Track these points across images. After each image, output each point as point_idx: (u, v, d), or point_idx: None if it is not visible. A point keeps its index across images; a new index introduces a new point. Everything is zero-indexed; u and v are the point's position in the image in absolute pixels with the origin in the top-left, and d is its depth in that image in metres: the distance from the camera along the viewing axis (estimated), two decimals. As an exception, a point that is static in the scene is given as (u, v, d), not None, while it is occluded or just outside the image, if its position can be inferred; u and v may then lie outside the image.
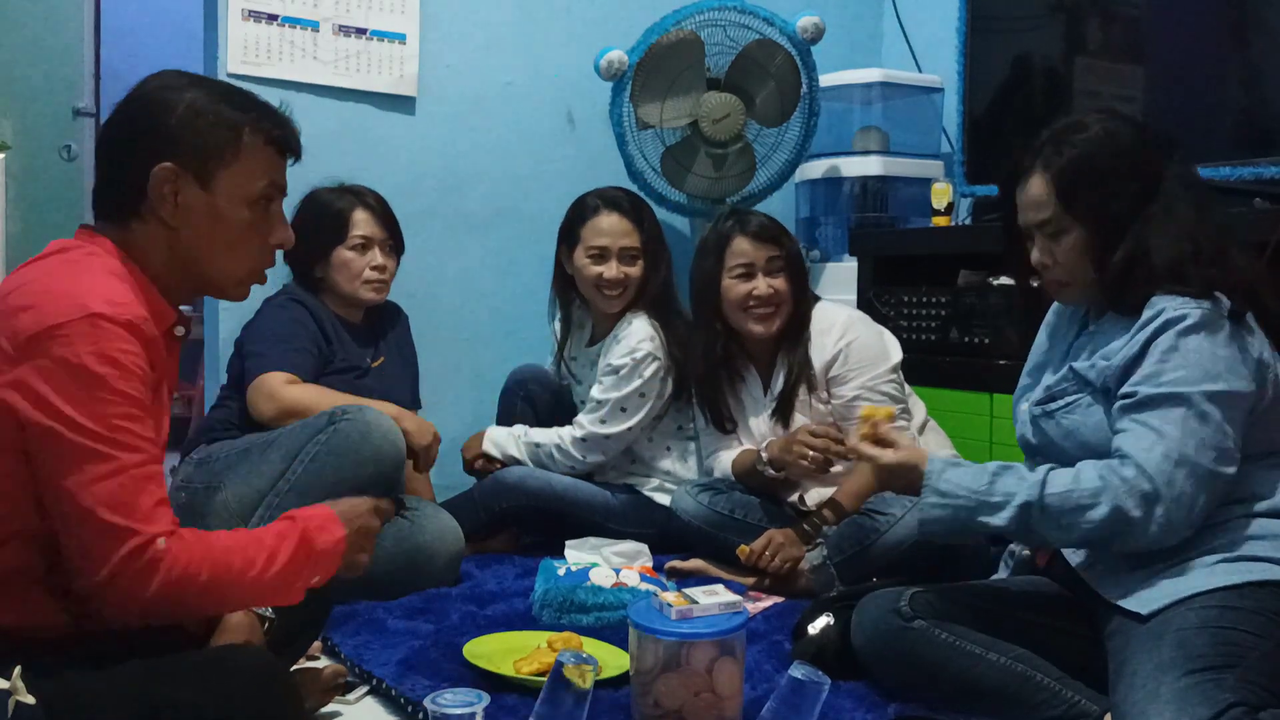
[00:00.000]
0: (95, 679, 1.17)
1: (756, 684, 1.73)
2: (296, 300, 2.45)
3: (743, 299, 2.41)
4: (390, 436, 2.15)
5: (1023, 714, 1.55)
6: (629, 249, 2.63)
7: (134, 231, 1.36)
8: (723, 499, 2.45)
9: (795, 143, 3.13)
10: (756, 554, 2.25)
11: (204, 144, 1.36)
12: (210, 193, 1.37)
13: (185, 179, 1.35)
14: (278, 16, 2.78)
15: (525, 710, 1.56)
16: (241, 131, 1.38)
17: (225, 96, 1.40)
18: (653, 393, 2.60)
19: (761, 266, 2.41)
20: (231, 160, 1.37)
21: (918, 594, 1.64)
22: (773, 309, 2.41)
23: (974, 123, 2.96)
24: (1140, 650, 1.45)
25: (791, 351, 2.44)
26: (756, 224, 2.44)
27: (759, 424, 2.48)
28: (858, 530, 2.21)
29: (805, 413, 2.41)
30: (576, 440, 2.60)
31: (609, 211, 2.64)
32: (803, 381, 2.41)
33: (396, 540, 2.21)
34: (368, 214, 2.51)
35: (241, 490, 2.14)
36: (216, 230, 1.38)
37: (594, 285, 2.65)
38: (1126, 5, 2.75)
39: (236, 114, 1.38)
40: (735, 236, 2.43)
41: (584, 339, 2.81)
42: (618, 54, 2.88)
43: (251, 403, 2.28)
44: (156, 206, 1.35)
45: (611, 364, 2.60)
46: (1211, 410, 1.50)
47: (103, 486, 1.20)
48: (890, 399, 2.36)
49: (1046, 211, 1.64)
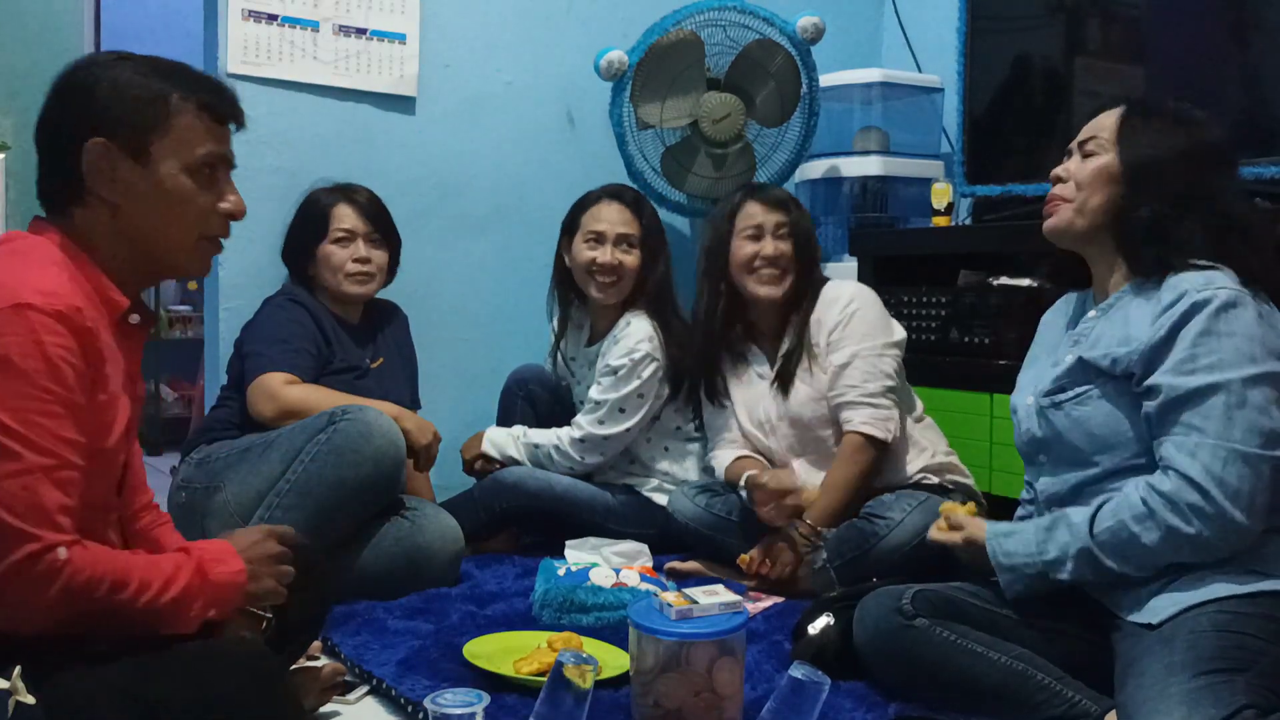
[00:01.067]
0: (93, 678, 1.16)
1: (756, 684, 1.73)
2: (295, 301, 2.45)
3: (749, 259, 2.42)
4: (390, 436, 2.15)
5: (1023, 713, 1.55)
6: (626, 236, 2.64)
7: (78, 217, 1.34)
8: (720, 501, 2.45)
9: (795, 143, 3.13)
10: (756, 563, 2.26)
11: (132, 117, 1.33)
12: (146, 166, 1.34)
13: (118, 154, 1.33)
14: (278, 16, 2.78)
15: (525, 710, 1.56)
16: (169, 100, 1.35)
17: (151, 68, 1.37)
18: (651, 394, 2.60)
19: (770, 229, 2.42)
20: (163, 130, 1.34)
21: (919, 593, 1.64)
22: (778, 272, 2.42)
23: (974, 123, 2.96)
24: (1150, 652, 1.45)
25: (799, 321, 2.43)
26: (771, 192, 2.50)
27: (759, 403, 2.46)
28: (858, 534, 2.21)
29: (806, 382, 2.39)
30: (575, 441, 2.60)
31: (610, 201, 2.67)
32: (804, 351, 2.40)
33: (396, 540, 2.21)
34: (351, 208, 2.51)
35: (241, 490, 2.14)
36: (158, 203, 1.35)
37: (588, 271, 2.64)
38: (1126, 5, 2.75)
39: (162, 84, 1.35)
40: (748, 201, 2.47)
41: (583, 339, 2.81)
42: (618, 54, 2.88)
43: (251, 403, 2.28)
44: (94, 186, 1.33)
45: (610, 365, 2.60)
46: (1253, 394, 1.47)
47: (4, 486, 1.16)
48: (884, 375, 2.34)
49: (1101, 133, 1.66)
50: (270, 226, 2.62)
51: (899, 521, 2.18)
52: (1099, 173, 1.64)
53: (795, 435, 2.42)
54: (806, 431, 2.41)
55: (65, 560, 1.17)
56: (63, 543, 1.18)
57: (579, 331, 2.82)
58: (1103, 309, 1.67)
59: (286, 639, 1.52)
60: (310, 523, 2.05)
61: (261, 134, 2.75)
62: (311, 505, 2.07)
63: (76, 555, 1.19)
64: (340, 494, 2.10)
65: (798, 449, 2.43)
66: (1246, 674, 1.37)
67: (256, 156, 2.73)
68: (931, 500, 2.21)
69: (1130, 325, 1.59)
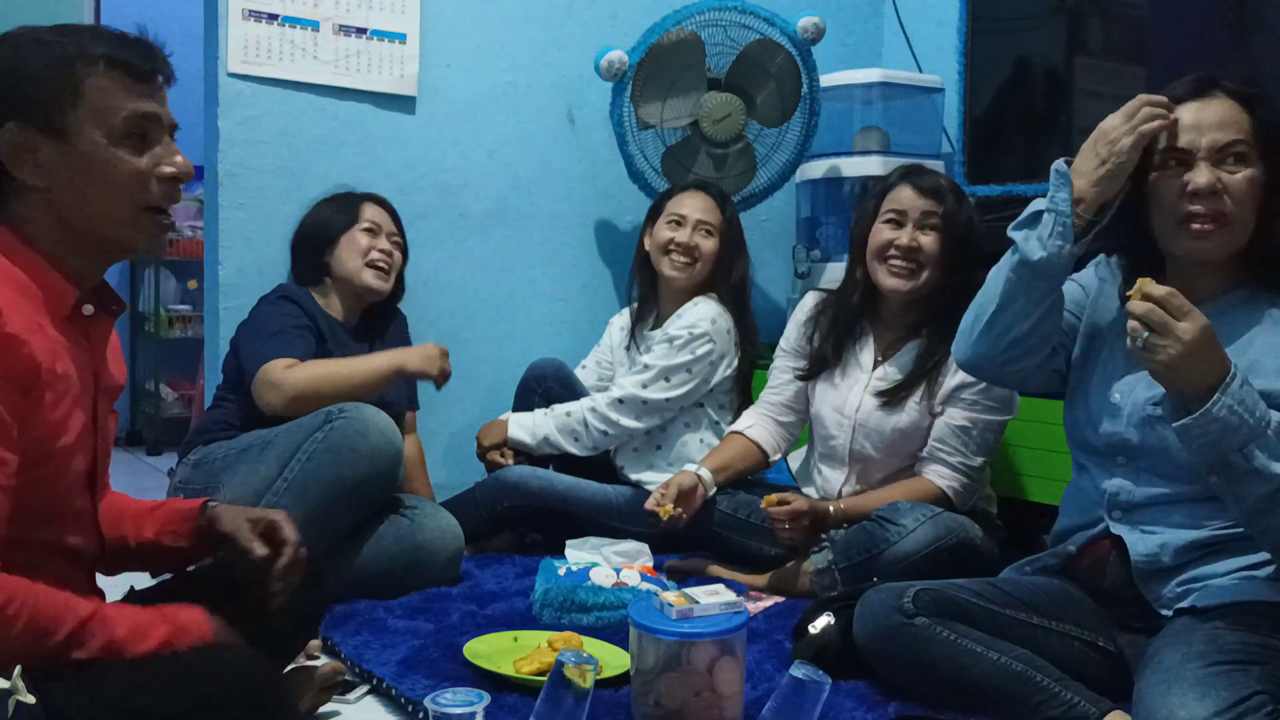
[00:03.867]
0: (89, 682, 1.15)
1: (757, 684, 1.73)
2: (288, 297, 2.44)
3: (883, 246, 2.25)
4: (387, 434, 2.14)
5: (1022, 714, 1.55)
6: (706, 222, 2.71)
7: (13, 208, 1.26)
8: (725, 499, 2.45)
9: (796, 143, 3.13)
10: (782, 514, 2.17)
11: (40, 91, 1.23)
12: (66, 141, 1.24)
13: (35, 135, 1.23)
14: (278, 16, 2.78)
15: (525, 710, 1.56)
16: (73, 64, 1.24)
17: (54, 34, 1.26)
18: (699, 374, 2.62)
19: (914, 218, 2.24)
20: (75, 99, 1.24)
21: (921, 591, 1.64)
22: (912, 265, 2.23)
23: (974, 123, 2.96)
24: (1169, 644, 1.46)
25: (939, 340, 2.23)
26: (928, 178, 2.27)
27: (850, 391, 2.34)
28: (867, 538, 2.14)
29: (915, 410, 2.26)
30: (614, 402, 2.60)
31: (695, 191, 2.77)
32: (932, 381, 2.24)
33: (397, 540, 2.21)
34: (380, 208, 2.56)
35: (239, 490, 2.14)
36: (87, 178, 1.25)
37: (664, 250, 2.70)
38: (1127, 5, 2.74)
39: (65, 48, 1.24)
40: (900, 184, 2.28)
41: (648, 325, 2.82)
42: (618, 54, 2.88)
43: (259, 398, 2.25)
44: (19, 173, 1.24)
45: (669, 333, 2.64)
46: None
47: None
48: (990, 450, 2.25)
49: (1235, 134, 1.51)
50: (270, 226, 2.62)
51: (910, 530, 2.09)
52: (1250, 184, 1.52)
53: (867, 445, 2.31)
54: (881, 447, 2.30)
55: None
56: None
57: (645, 322, 2.83)
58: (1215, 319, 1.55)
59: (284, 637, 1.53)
60: (308, 521, 2.03)
61: (261, 134, 2.75)
62: (309, 503, 2.06)
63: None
64: (338, 492, 2.10)
65: (852, 456, 2.34)
66: (1264, 667, 1.38)
67: (256, 156, 2.74)
68: (946, 515, 2.12)
69: (1256, 348, 1.51)
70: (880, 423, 2.28)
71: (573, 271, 3.21)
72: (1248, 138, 1.52)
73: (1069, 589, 1.71)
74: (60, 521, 1.31)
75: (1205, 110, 1.54)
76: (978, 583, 1.71)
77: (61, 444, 1.25)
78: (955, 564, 2.02)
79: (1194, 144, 1.53)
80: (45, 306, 1.25)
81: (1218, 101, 1.54)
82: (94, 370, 1.34)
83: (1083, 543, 1.71)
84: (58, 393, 1.23)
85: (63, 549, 1.32)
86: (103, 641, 1.19)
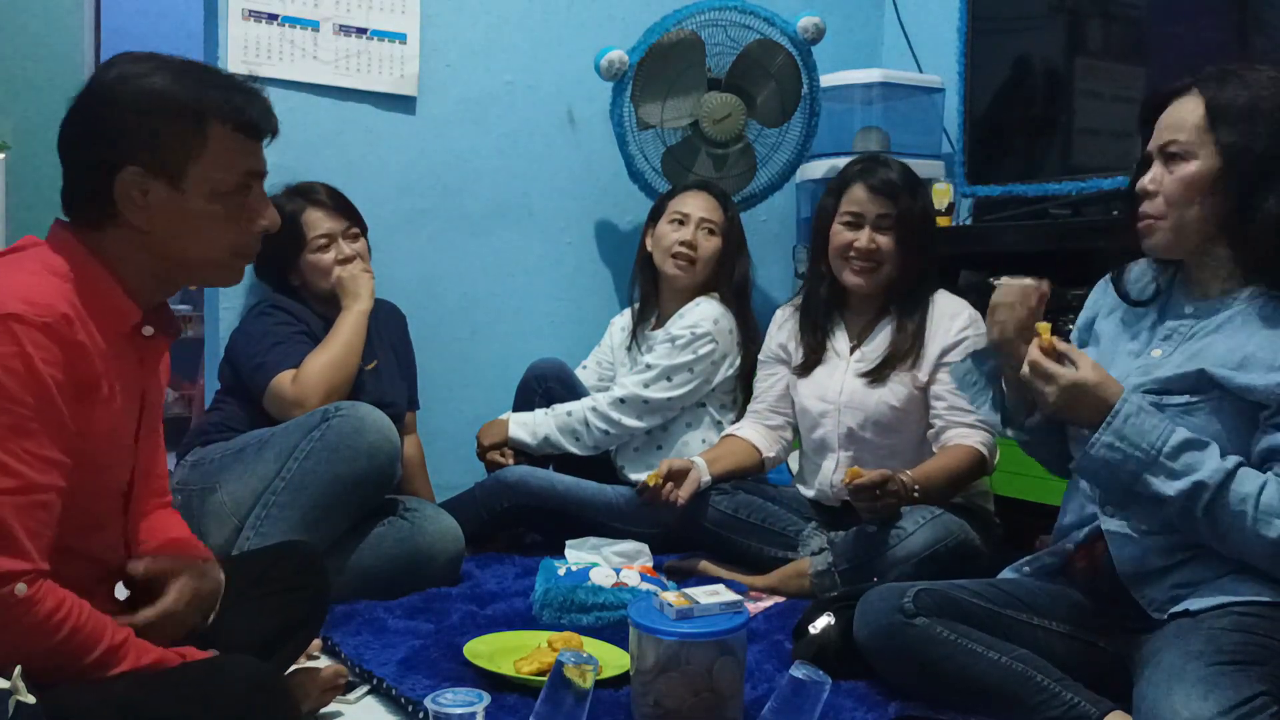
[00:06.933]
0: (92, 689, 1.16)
1: (757, 684, 1.72)
2: (277, 306, 2.43)
3: (844, 247, 2.34)
4: (384, 431, 2.14)
5: (1022, 714, 1.55)
6: (708, 221, 2.73)
7: (107, 236, 1.29)
8: (725, 499, 2.45)
9: (796, 143, 3.13)
10: (866, 482, 2.06)
11: (166, 140, 1.26)
12: (181, 191, 1.28)
13: (152, 180, 1.26)
14: (278, 16, 2.78)
15: (525, 710, 1.56)
16: (205, 120, 1.28)
17: (185, 79, 1.28)
18: (701, 374, 2.63)
19: (870, 220, 2.32)
20: (199, 153, 1.28)
21: (921, 591, 1.64)
22: (872, 265, 2.33)
23: (974, 123, 2.96)
24: (1169, 643, 1.46)
25: (907, 317, 2.33)
26: (881, 176, 2.33)
27: (830, 378, 2.40)
28: (868, 540, 2.15)
29: (902, 382, 2.31)
30: (615, 401, 2.61)
31: (698, 190, 2.79)
32: (913, 353, 2.31)
33: (397, 542, 2.21)
34: (320, 210, 2.48)
35: (237, 490, 2.14)
36: (192, 227, 1.30)
37: (667, 251, 2.71)
38: (1127, 5, 2.74)
39: (199, 101, 1.27)
40: (855, 183, 2.35)
41: (649, 325, 2.83)
42: (618, 54, 2.88)
43: (279, 413, 2.26)
44: (125, 213, 1.27)
45: (671, 333, 2.65)
46: None
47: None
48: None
49: (1181, 134, 1.52)
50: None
51: (910, 533, 2.11)
52: (1190, 183, 1.52)
53: (857, 425, 2.34)
54: (870, 425, 2.33)
55: (22, 597, 1.12)
56: (23, 574, 1.12)
57: (647, 322, 2.84)
58: (1203, 310, 1.59)
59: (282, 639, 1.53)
60: (306, 519, 2.05)
61: (262, 134, 2.75)
62: (307, 502, 2.07)
63: (39, 592, 1.13)
64: (335, 490, 2.10)
65: (845, 442, 2.37)
66: (1264, 667, 1.38)
67: (256, 156, 2.73)
68: (946, 517, 2.13)
69: (1253, 344, 1.51)
70: (864, 399, 2.34)
71: (572, 271, 3.21)
72: (1185, 139, 1.54)
73: (1068, 590, 1.71)
74: (91, 531, 1.32)
75: None
76: (978, 583, 1.71)
77: (103, 456, 1.27)
78: (955, 566, 2.02)
79: (1153, 145, 1.58)
80: (109, 323, 1.27)
81: None
82: (143, 388, 1.35)
83: (1079, 542, 1.71)
84: (107, 407, 1.26)
85: (88, 557, 1.32)
86: (127, 669, 1.21)
